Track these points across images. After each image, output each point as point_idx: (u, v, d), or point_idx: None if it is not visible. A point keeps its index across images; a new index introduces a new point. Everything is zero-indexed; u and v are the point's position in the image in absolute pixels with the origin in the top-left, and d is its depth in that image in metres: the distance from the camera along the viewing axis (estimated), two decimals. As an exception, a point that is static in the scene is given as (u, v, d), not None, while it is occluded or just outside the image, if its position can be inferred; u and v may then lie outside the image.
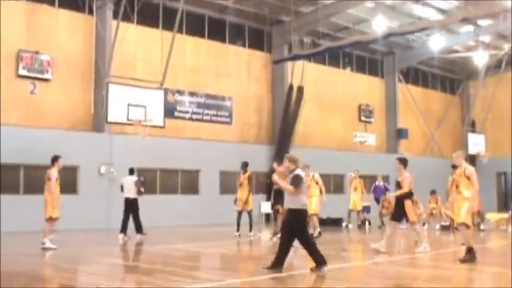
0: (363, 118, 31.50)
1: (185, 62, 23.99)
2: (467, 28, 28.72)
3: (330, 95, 29.73)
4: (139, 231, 15.65)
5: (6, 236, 15.88)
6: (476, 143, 30.88)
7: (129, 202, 15.73)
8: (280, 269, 9.04)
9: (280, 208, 13.60)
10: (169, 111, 20.88)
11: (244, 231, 15.93)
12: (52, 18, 20.84)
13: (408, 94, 34.04)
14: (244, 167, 16.32)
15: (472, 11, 22.44)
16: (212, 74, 24.97)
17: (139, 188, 15.78)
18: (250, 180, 16.24)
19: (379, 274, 9.86)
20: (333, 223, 20.47)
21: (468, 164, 10.84)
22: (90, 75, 21.56)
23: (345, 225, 20.23)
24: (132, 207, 15.71)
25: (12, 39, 19.50)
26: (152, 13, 22.82)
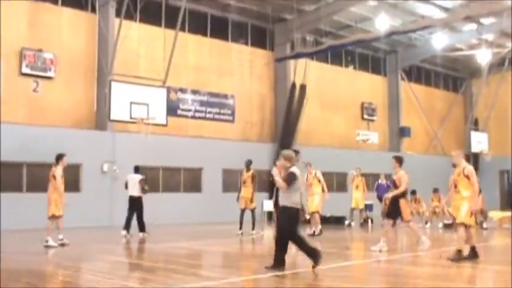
0: (365, 116, 31.49)
1: (188, 60, 24.00)
2: (470, 26, 28.67)
3: (332, 93, 29.71)
4: (142, 230, 15.70)
5: (9, 233, 15.95)
6: (479, 141, 30.85)
7: (133, 200, 15.78)
8: (282, 268, 8.99)
9: None
10: (171, 109, 20.93)
11: (246, 230, 15.94)
12: (55, 16, 20.87)
13: (411, 92, 34.00)
14: (248, 165, 16.32)
15: (475, 9, 22.38)
16: (215, 72, 24.98)
17: (143, 186, 15.82)
18: (253, 178, 16.21)
19: (381, 272, 9.88)
20: (335, 221, 20.47)
21: (467, 163, 10.71)
22: (93, 73, 21.61)
23: (347, 224, 20.25)
24: (136, 205, 15.75)
25: (15, 37, 19.55)
26: (155, 11, 22.83)
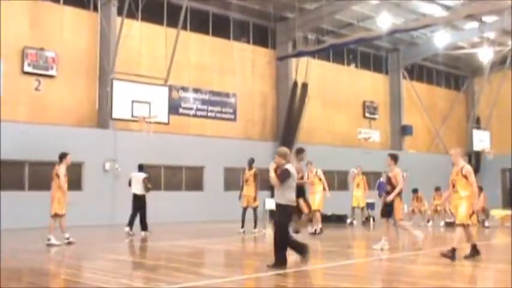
0: (367, 115, 31.47)
1: (189, 58, 24.00)
2: (472, 24, 28.64)
3: (334, 92, 29.69)
4: (144, 229, 15.72)
5: (11, 232, 15.99)
6: (481, 140, 30.84)
7: (137, 198, 15.84)
8: (284, 266, 8.99)
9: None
10: (173, 108, 20.92)
11: (248, 228, 15.95)
12: (57, 15, 20.89)
13: (413, 91, 33.97)
14: (251, 163, 16.30)
15: (477, 7, 22.37)
16: (216, 70, 24.99)
17: (147, 184, 15.85)
18: (256, 177, 16.17)
19: (383, 271, 9.88)
20: (337, 220, 20.50)
21: (466, 162, 10.62)
22: (94, 71, 21.63)
23: (349, 222, 20.26)
24: (139, 203, 15.79)
25: (18, 36, 19.58)
26: (156, 10, 22.82)
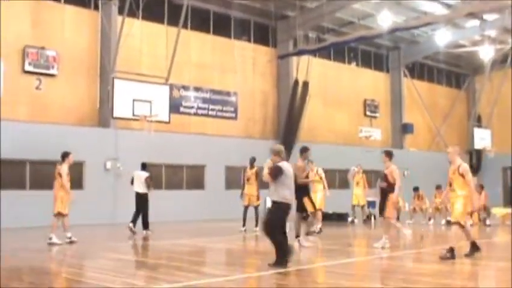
0: (368, 113, 31.46)
1: (190, 57, 24.00)
2: (473, 23, 28.60)
3: (335, 90, 29.68)
4: (145, 228, 15.76)
5: (13, 231, 16.00)
6: (482, 138, 30.83)
7: (139, 196, 15.89)
8: (285, 265, 8.98)
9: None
10: (174, 107, 20.94)
11: (250, 227, 15.96)
12: (58, 14, 20.89)
13: (414, 89, 33.94)
14: (252, 162, 16.29)
15: (478, 5, 22.35)
16: (217, 69, 24.99)
17: (149, 183, 15.89)
18: (257, 175, 16.16)
19: (384, 269, 9.90)
20: (338, 218, 20.50)
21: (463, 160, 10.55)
22: (95, 70, 21.63)
23: (350, 220, 20.27)
24: (142, 201, 15.84)
25: (18, 35, 19.58)
26: (157, 9, 22.81)
